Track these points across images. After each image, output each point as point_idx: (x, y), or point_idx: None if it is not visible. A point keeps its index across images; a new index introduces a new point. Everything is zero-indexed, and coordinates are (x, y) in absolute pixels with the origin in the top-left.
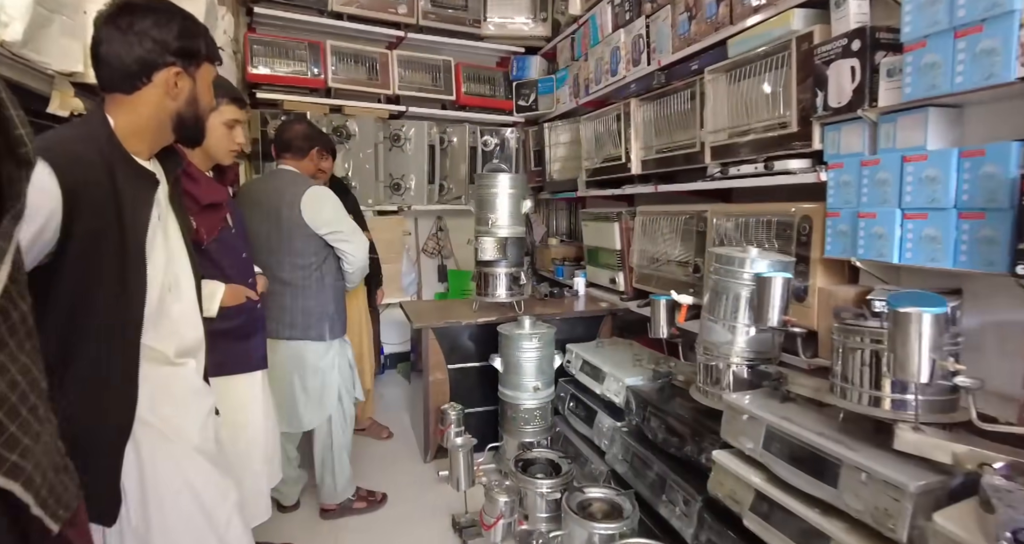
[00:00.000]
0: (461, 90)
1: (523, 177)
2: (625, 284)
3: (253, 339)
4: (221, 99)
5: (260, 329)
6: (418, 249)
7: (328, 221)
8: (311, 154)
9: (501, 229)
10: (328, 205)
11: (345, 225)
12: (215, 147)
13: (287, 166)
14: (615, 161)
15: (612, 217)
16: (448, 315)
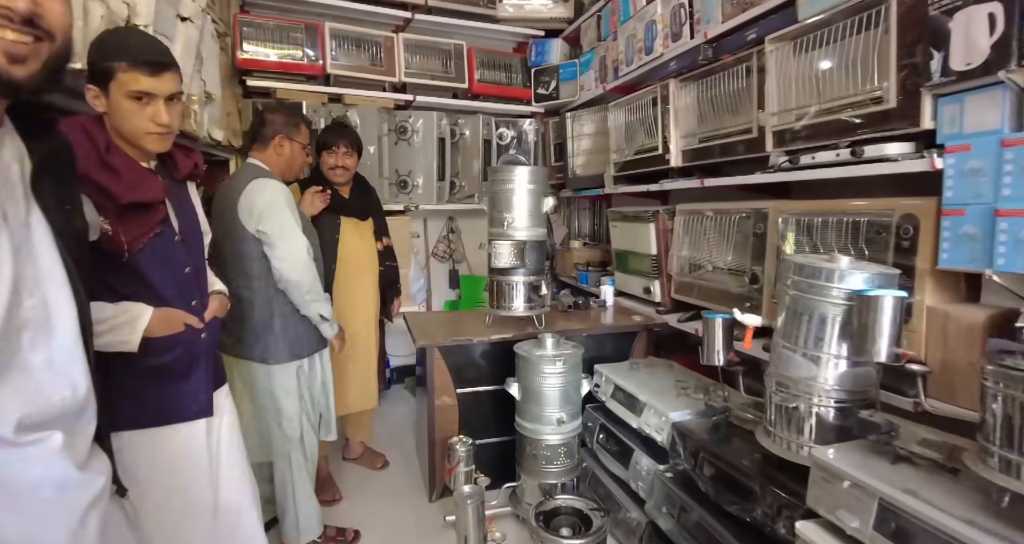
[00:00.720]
0: (474, 77)
1: (544, 170)
2: (662, 294)
3: (193, 379)
4: (117, 64)
5: (204, 366)
6: (427, 253)
7: (258, 219)
8: (273, 143)
9: (519, 231)
10: (262, 200)
11: (272, 225)
12: (123, 128)
13: (251, 159)
14: (650, 152)
15: (647, 217)
16: (457, 331)
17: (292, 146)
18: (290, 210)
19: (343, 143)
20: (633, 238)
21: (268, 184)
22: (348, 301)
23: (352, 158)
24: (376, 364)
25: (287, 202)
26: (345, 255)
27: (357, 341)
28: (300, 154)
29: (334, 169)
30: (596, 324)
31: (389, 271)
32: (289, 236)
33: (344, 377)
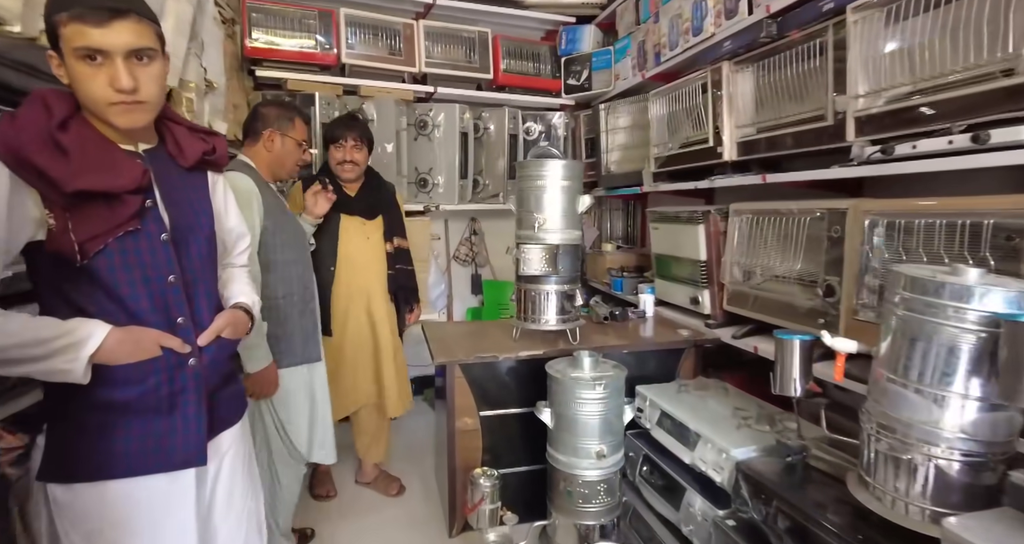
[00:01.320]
0: (500, 68)
1: (579, 165)
2: (712, 305)
3: (177, 417)
4: (59, 15)
5: (194, 402)
6: (448, 256)
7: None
8: (263, 137)
9: (551, 234)
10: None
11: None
12: (82, 99)
13: (240, 155)
14: (698, 146)
15: (695, 218)
16: (480, 345)
17: (284, 141)
18: (246, 208)
19: (351, 136)
20: (678, 241)
21: (237, 180)
22: (349, 306)
23: (362, 152)
24: (396, 378)
25: (247, 201)
26: (347, 257)
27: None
28: (293, 151)
29: (342, 164)
30: (638, 339)
31: (400, 275)
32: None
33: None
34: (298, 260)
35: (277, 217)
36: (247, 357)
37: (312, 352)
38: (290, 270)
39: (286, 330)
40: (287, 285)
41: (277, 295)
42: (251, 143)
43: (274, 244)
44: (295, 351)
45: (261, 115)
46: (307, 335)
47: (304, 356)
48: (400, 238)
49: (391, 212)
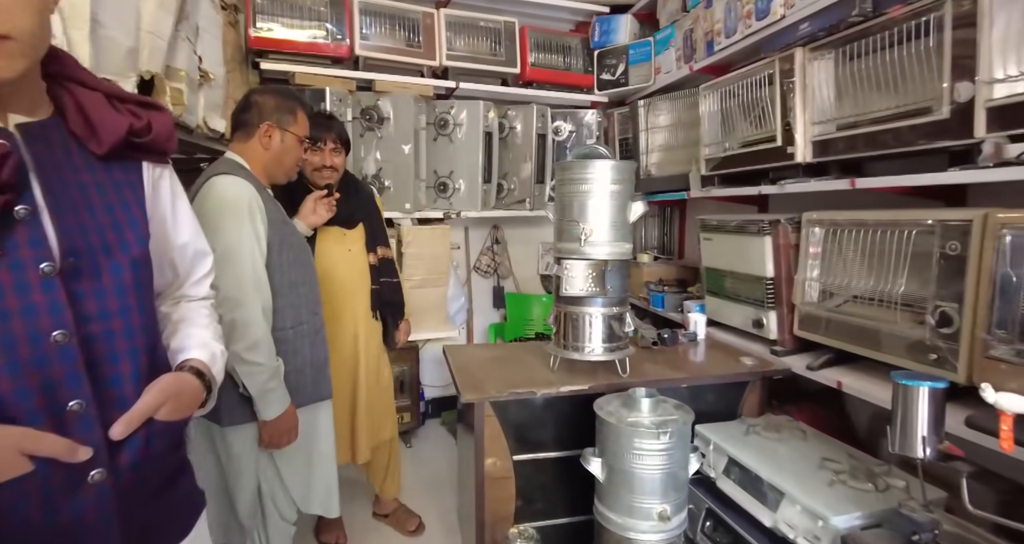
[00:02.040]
0: (527, 61)
1: (632, 166)
2: (780, 330)
3: None
4: None
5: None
6: (468, 267)
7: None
8: (259, 132)
9: (597, 247)
10: (208, 204)
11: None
12: None
13: (229, 153)
14: (762, 145)
15: (760, 228)
16: (513, 377)
17: (284, 138)
18: (249, 221)
19: (330, 138)
20: (736, 255)
21: (223, 182)
22: (330, 327)
23: (341, 156)
24: (386, 405)
25: (247, 209)
26: (327, 274)
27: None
28: (294, 149)
29: (319, 170)
30: (697, 370)
31: (386, 290)
32: (234, 259)
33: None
34: (306, 280)
35: (281, 229)
36: (262, 403)
37: (324, 388)
38: (299, 294)
39: (296, 365)
40: (296, 313)
41: (285, 325)
42: (243, 138)
43: (280, 263)
44: (304, 389)
45: (256, 105)
46: (319, 368)
47: (315, 394)
48: (384, 247)
49: (372, 218)
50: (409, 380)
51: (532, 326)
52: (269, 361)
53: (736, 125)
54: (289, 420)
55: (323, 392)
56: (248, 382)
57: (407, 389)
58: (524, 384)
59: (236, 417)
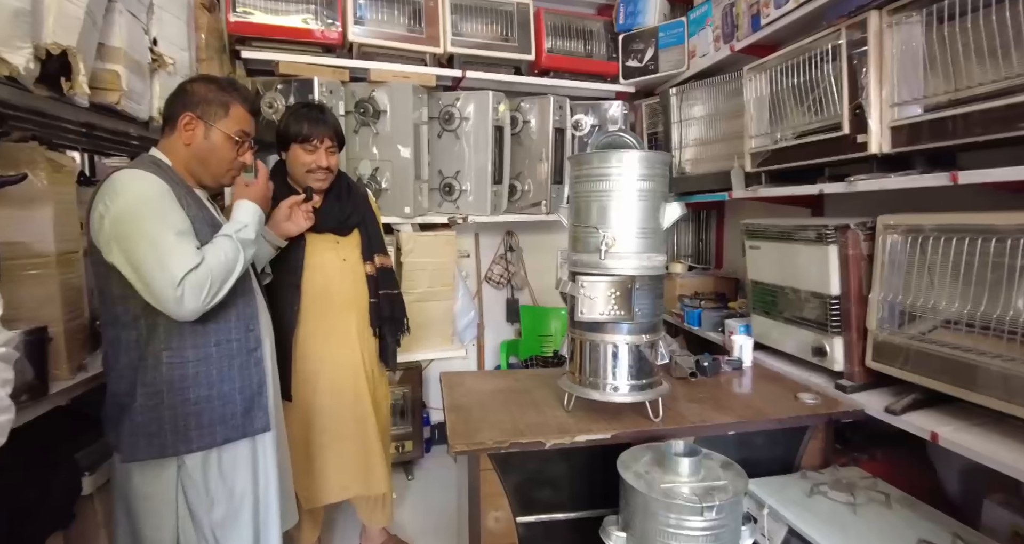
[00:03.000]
0: (543, 48)
1: (667, 158)
2: (848, 360)
3: None
4: None
5: None
6: (479, 278)
7: (111, 236)
8: (179, 124)
9: (623, 260)
10: (117, 205)
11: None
12: None
13: (154, 150)
14: (824, 133)
15: (822, 234)
16: (518, 419)
17: (209, 134)
18: (168, 211)
19: (327, 135)
20: (791, 267)
21: (130, 177)
22: (323, 349)
23: (335, 155)
24: (381, 432)
25: (158, 201)
26: (319, 289)
27: (343, 405)
28: (221, 147)
29: (313, 172)
30: (745, 410)
31: (385, 303)
32: (167, 260)
33: (328, 455)
34: (235, 292)
35: (207, 233)
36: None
37: (258, 420)
38: (224, 307)
39: (220, 391)
40: (221, 328)
41: (207, 343)
42: (168, 133)
43: None
44: (229, 421)
45: (183, 93)
46: (251, 396)
47: (245, 428)
48: (382, 255)
49: (368, 224)
50: (411, 404)
51: (550, 343)
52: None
53: (789, 112)
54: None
55: (257, 424)
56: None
57: (408, 414)
58: (531, 430)
59: (140, 451)
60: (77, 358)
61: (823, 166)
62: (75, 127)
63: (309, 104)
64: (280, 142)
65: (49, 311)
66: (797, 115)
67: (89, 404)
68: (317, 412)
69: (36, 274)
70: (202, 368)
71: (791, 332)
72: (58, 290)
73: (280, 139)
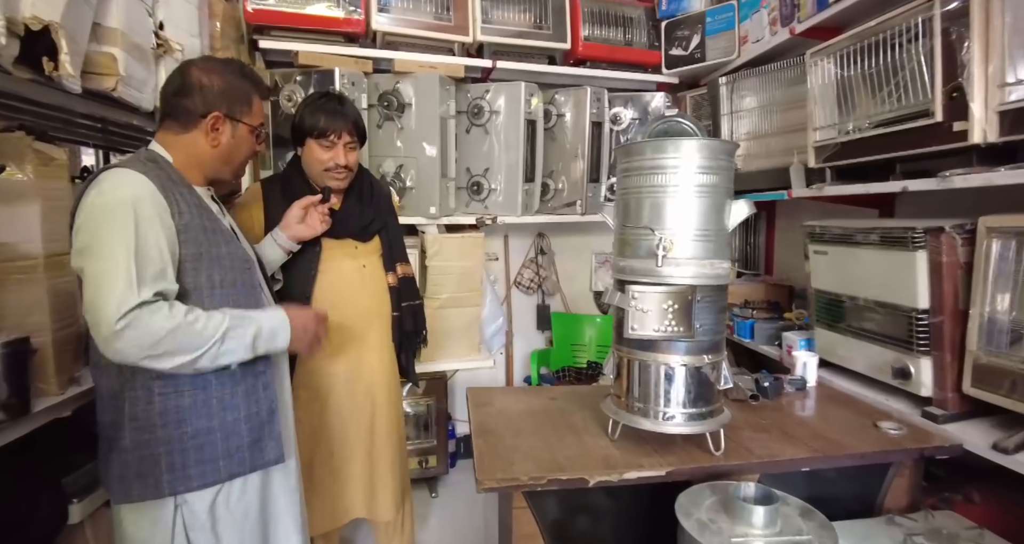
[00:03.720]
0: (580, 36)
1: (732, 148)
2: (938, 385)
3: None
4: None
5: None
6: (507, 282)
7: (77, 241)
8: (204, 124)
9: (682, 266)
10: (84, 210)
11: (85, 257)
12: None
13: (153, 144)
14: (910, 122)
15: (909, 238)
16: (556, 448)
17: (236, 131)
18: (133, 224)
19: (345, 130)
20: (865, 275)
21: (115, 179)
22: (334, 365)
23: (355, 152)
24: (395, 453)
25: (131, 211)
26: (330, 296)
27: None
28: (247, 142)
29: (332, 170)
30: (818, 441)
31: (408, 316)
32: (105, 279)
33: (332, 477)
34: (239, 307)
35: (205, 239)
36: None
37: (269, 452)
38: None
39: (222, 422)
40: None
41: (204, 367)
42: (176, 128)
43: (196, 286)
44: (235, 455)
45: (200, 88)
46: (258, 427)
47: (254, 461)
48: (404, 264)
49: (390, 228)
50: (436, 416)
51: (583, 352)
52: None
53: (862, 101)
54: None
55: (268, 456)
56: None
57: (432, 427)
58: (571, 463)
59: (133, 491)
60: (68, 371)
61: (905, 160)
62: (69, 116)
63: (327, 94)
64: (295, 136)
65: (36, 319)
66: (873, 103)
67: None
68: (323, 432)
69: (22, 278)
70: (200, 396)
71: (863, 349)
72: (46, 296)
73: (295, 133)
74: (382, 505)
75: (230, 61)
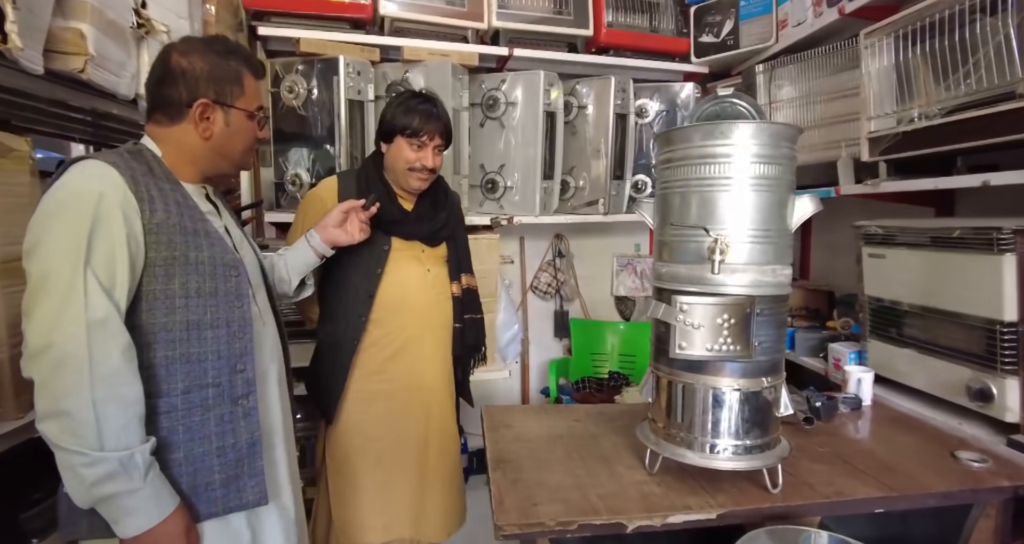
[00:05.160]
0: (602, 22)
1: (796, 134)
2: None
3: None
4: None
5: None
6: (523, 287)
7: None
8: (191, 114)
9: (738, 273)
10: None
11: (30, 262)
12: None
13: (145, 140)
14: (987, 107)
15: (990, 239)
16: (584, 485)
17: (230, 118)
18: (93, 229)
19: (438, 133)
20: (934, 281)
21: (78, 172)
22: (390, 368)
23: (441, 157)
24: (454, 473)
25: (91, 213)
26: (392, 297)
27: (405, 434)
28: (244, 129)
29: (416, 171)
30: (888, 475)
31: (470, 330)
32: (53, 297)
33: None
34: (222, 320)
35: (182, 241)
36: (114, 511)
37: (248, 491)
38: (203, 340)
39: (190, 453)
40: (196, 369)
41: (173, 390)
42: (166, 122)
43: (167, 292)
44: (204, 492)
45: (181, 73)
46: (236, 460)
47: (228, 501)
48: (468, 275)
49: (459, 235)
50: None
51: (604, 362)
52: (95, 448)
53: (927, 85)
54: (164, 539)
55: (246, 497)
56: (66, 481)
57: None
58: (605, 503)
59: (81, 527)
60: (28, 392)
61: (974, 151)
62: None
63: (420, 94)
64: (383, 133)
65: None
66: (942, 87)
67: None
68: (373, 438)
69: None
70: (164, 423)
71: (929, 365)
72: (1, 307)
73: (383, 129)
74: (431, 525)
75: (213, 39)
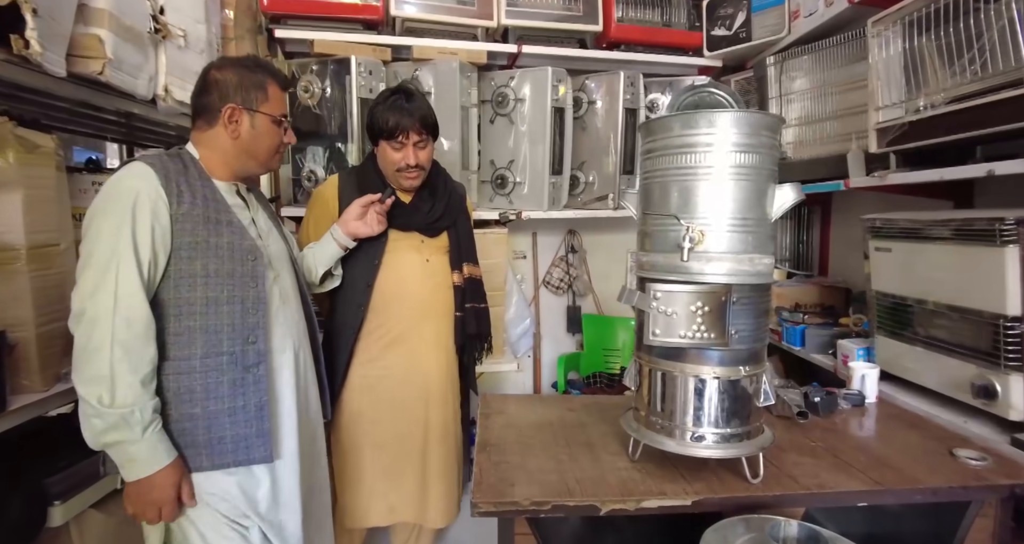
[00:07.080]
0: (612, 17)
1: (776, 123)
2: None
3: None
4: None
5: None
6: (535, 282)
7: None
8: (222, 118)
9: (715, 262)
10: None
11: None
12: None
13: (188, 145)
14: (996, 94)
15: (995, 231)
16: (564, 470)
17: (255, 121)
18: (130, 219)
19: (414, 128)
20: (938, 275)
21: (117, 175)
22: (390, 356)
23: (427, 149)
24: (454, 460)
25: (129, 204)
26: (391, 287)
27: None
28: (269, 133)
29: (403, 171)
30: (880, 470)
31: (471, 318)
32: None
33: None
34: (236, 298)
35: (205, 229)
36: (119, 457)
37: (255, 449)
38: (219, 313)
39: (204, 410)
40: (212, 338)
41: (193, 354)
42: (204, 127)
43: (191, 272)
44: (216, 446)
45: (215, 83)
46: (246, 421)
47: (238, 455)
48: (471, 264)
49: (460, 226)
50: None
51: (616, 358)
52: (107, 403)
53: (934, 73)
54: (156, 488)
55: (253, 454)
56: (82, 426)
57: None
58: (583, 486)
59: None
60: (53, 367)
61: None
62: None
63: (396, 89)
64: (370, 136)
65: (17, 312)
66: (948, 75)
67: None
68: (374, 422)
69: (2, 269)
70: (184, 381)
71: (935, 361)
72: (29, 288)
73: (368, 133)
74: (432, 510)
75: (246, 57)
